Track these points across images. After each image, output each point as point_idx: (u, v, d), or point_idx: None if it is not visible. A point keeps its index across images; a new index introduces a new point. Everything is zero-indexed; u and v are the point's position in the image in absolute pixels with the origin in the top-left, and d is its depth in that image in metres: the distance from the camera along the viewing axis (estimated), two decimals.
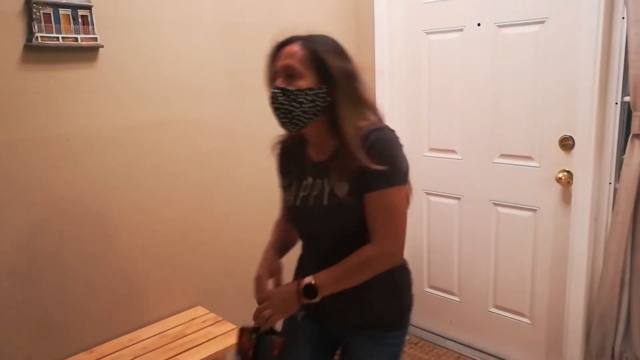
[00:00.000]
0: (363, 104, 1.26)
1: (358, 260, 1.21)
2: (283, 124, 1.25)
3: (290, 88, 1.20)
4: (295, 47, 1.21)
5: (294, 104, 1.20)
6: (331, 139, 1.25)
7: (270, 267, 1.38)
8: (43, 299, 1.77)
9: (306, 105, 1.20)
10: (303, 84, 1.20)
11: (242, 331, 1.31)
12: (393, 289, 1.33)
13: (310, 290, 1.20)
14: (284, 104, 1.21)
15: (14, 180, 1.66)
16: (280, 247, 1.45)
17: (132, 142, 1.93)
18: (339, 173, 1.22)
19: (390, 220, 1.19)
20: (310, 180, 1.30)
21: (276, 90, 1.22)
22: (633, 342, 1.98)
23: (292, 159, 1.40)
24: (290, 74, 1.20)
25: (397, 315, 1.35)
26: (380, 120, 1.29)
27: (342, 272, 1.22)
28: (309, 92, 1.20)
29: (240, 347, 1.31)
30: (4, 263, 1.67)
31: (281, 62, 1.22)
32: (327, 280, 1.21)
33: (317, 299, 1.21)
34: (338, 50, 1.25)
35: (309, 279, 1.21)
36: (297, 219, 1.38)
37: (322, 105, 1.22)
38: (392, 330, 1.34)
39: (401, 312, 1.35)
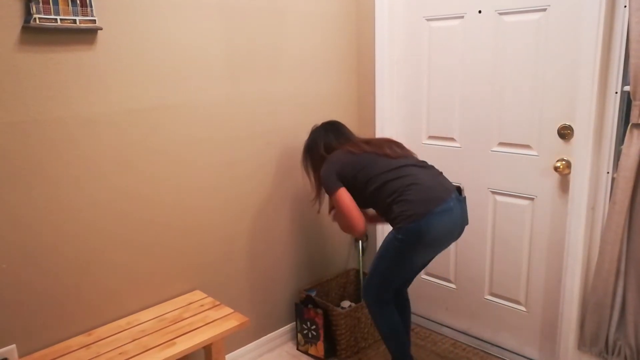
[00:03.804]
0: (323, 157, 2.19)
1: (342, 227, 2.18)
2: None
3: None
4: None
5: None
6: None
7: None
8: (41, 282, 1.78)
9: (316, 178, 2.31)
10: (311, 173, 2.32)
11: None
12: (390, 212, 1.98)
13: None
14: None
15: (11, 163, 1.66)
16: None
17: (130, 125, 1.93)
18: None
19: (340, 215, 2.09)
20: None
21: None
22: (627, 330, 2.00)
23: None
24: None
25: (391, 222, 1.99)
26: (349, 147, 2.12)
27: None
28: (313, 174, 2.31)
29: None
30: (2, 246, 1.68)
31: None
32: None
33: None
34: (309, 144, 2.28)
35: None
36: None
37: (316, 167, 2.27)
38: (392, 228, 2.01)
39: (392, 221, 1.98)
